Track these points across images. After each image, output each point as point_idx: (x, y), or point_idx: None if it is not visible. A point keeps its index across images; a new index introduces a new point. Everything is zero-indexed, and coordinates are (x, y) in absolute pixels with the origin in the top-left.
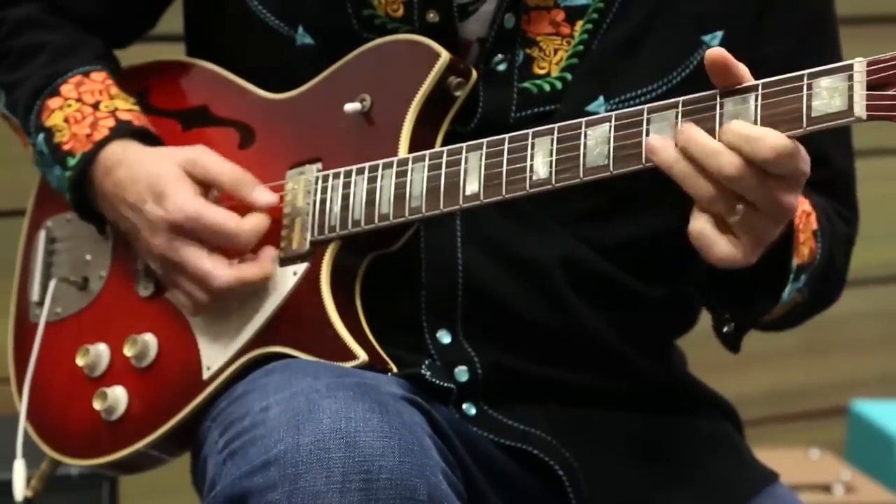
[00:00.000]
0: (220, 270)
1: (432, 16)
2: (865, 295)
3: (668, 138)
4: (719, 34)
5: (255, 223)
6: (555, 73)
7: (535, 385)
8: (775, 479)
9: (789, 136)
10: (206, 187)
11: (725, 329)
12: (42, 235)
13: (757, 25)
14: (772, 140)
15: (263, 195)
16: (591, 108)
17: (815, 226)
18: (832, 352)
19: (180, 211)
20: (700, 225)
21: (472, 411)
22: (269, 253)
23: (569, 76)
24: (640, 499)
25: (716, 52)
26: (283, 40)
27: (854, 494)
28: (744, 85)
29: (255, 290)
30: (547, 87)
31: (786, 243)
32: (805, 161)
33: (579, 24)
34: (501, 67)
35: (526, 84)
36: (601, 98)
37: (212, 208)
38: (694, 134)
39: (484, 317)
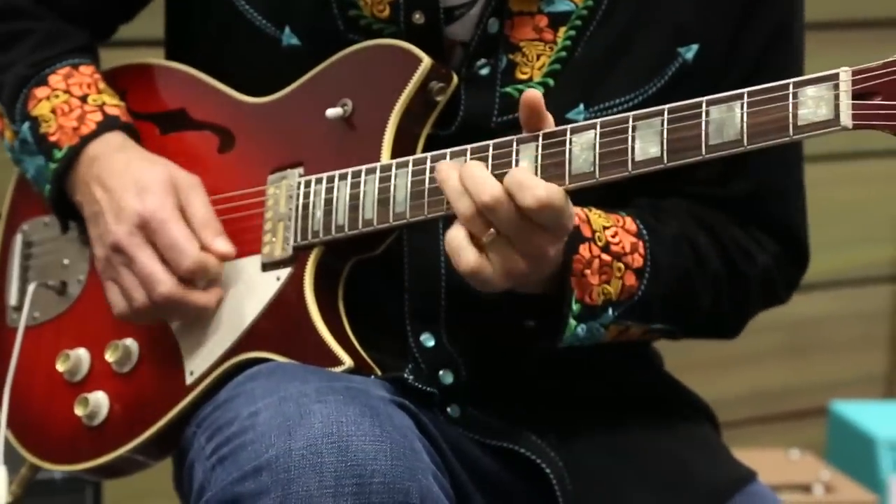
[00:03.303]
0: (169, 279)
1: (418, 17)
2: (844, 297)
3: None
4: (694, 47)
5: (208, 259)
6: (537, 79)
7: (518, 387)
8: (753, 478)
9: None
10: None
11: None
12: (19, 239)
13: (732, 40)
14: (539, 191)
15: (222, 244)
16: (570, 115)
17: (639, 263)
18: (811, 353)
19: (155, 210)
20: (455, 233)
21: (456, 413)
22: (219, 291)
23: (551, 82)
24: (621, 499)
25: (531, 94)
26: (268, 41)
27: (833, 494)
28: (730, 93)
29: (239, 295)
30: None
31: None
32: (570, 218)
33: (562, 30)
34: (484, 72)
35: (508, 89)
36: (581, 106)
37: (182, 226)
38: (473, 164)
39: (467, 320)
